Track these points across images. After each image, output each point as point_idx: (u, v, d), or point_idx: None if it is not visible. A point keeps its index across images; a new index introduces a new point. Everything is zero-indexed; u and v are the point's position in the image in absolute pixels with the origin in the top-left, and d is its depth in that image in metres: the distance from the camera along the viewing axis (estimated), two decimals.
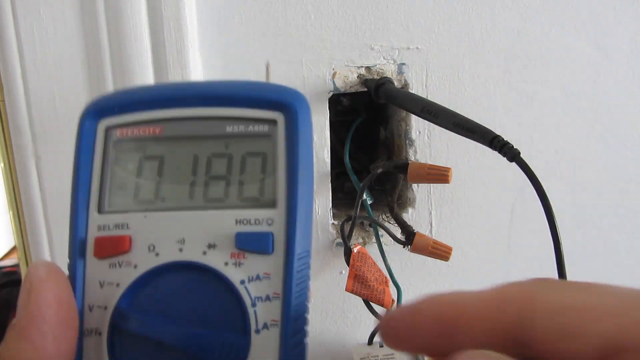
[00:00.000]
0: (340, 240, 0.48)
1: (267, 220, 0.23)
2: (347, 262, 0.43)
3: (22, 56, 0.40)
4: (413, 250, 0.42)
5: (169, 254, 0.23)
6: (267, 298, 0.22)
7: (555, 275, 0.31)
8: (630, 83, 0.50)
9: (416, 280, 0.51)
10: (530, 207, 0.51)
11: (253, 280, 0.22)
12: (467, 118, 0.35)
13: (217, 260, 0.22)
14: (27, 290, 0.20)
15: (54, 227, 0.44)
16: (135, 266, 0.23)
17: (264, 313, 0.22)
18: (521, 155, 0.32)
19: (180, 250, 0.23)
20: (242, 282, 0.22)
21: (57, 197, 0.42)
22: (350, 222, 0.44)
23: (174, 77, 0.41)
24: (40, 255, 0.45)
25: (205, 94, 0.24)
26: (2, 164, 0.46)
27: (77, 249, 0.23)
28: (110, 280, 0.23)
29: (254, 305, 0.22)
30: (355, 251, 0.43)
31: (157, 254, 0.23)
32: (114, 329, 0.22)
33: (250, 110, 0.24)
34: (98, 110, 0.24)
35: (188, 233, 0.23)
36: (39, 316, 0.20)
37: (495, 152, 0.33)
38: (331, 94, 0.45)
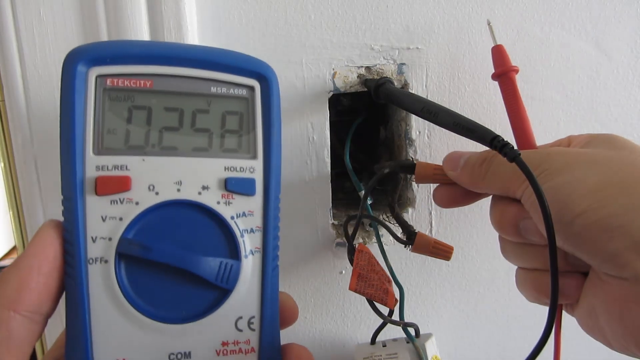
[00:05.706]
0: (340, 240, 0.48)
1: (250, 168, 0.27)
2: (351, 261, 0.42)
3: (22, 56, 0.40)
4: (414, 250, 0.42)
5: (168, 193, 0.26)
6: (252, 230, 0.27)
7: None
8: (630, 83, 0.50)
9: (417, 279, 0.51)
10: None
11: (240, 216, 0.27)
12: (467, 118, 0.35)
13: (210, 200, 0.27)
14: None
15: None
16: (137, 203, 0.26)
17: (249, 242, 0.27)
18: (521, 156, 0.32)
19: (178, 190, 0.26)
20: (232, 217, 0.27)
21: (57, 197, 0.42)
22: (353, 222, 0.44)
23: None
24: None
25: (194, 57, 0.27)
26: (2, 164, 0.46)
27: (77, 186, 0.25)
28: (113, 215, 0.25)
29: (242, 236, 0.27)
30: (358, 250, 0.42)
31: (157, 193, 0.26)
32: (120, 257, 0.25)
33: (232, 76, 0.28)
34: (90, 58, 0.26)
35: (184, 176, 0.26)
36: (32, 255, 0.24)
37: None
38: (331, 94, 0.45)
